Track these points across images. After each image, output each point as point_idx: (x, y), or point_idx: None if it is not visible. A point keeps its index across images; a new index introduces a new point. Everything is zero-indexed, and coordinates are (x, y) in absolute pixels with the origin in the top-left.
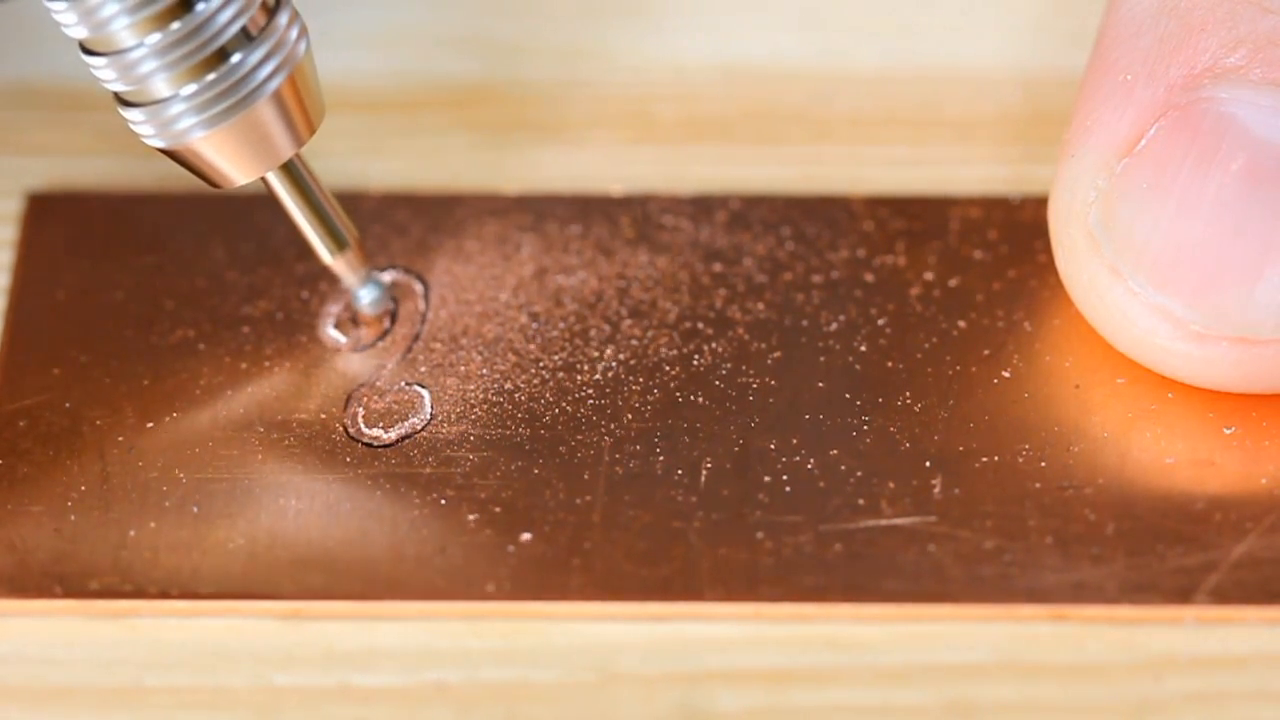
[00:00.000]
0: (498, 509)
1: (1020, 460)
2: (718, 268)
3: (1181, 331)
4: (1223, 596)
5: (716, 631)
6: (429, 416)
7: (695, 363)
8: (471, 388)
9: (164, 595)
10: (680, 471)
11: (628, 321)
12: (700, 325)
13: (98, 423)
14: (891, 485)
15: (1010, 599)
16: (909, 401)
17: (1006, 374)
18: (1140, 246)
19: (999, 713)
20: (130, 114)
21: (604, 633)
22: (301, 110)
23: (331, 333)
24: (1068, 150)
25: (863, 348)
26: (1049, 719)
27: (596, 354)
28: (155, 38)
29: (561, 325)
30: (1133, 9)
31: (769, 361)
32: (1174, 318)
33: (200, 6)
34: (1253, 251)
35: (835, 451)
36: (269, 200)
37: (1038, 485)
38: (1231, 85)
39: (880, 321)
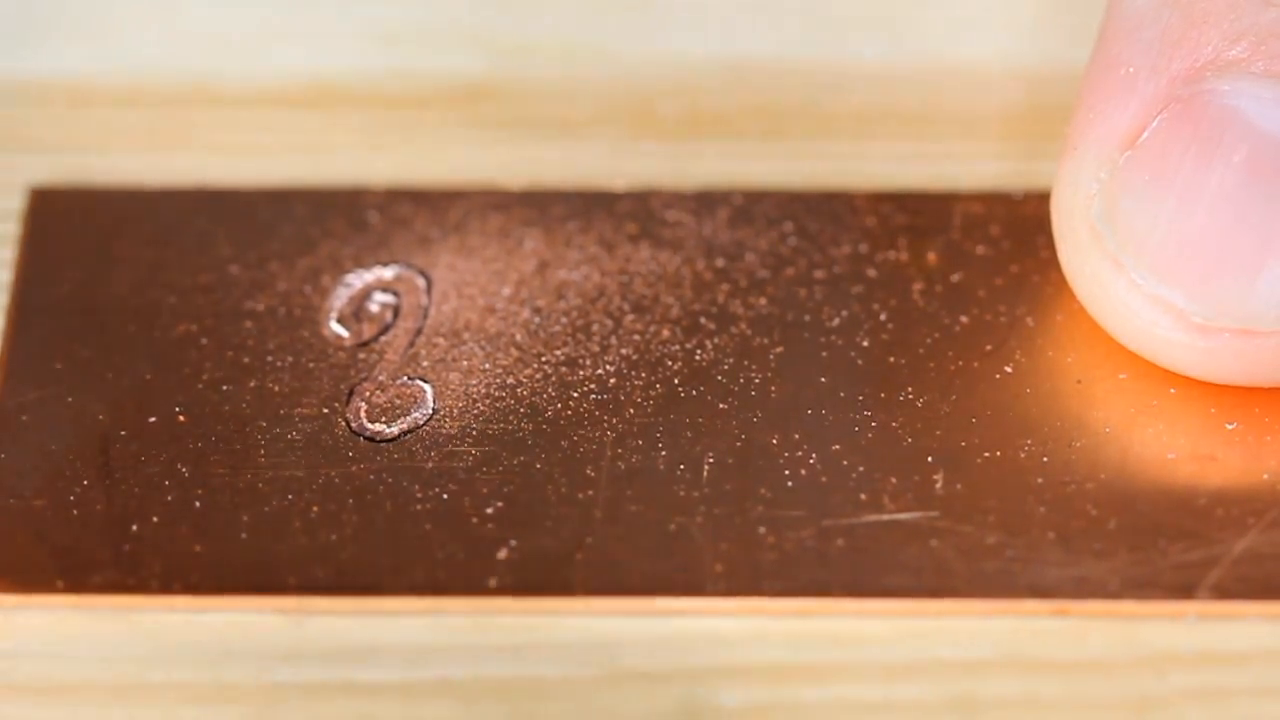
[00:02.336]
0: (500, 504)
1: (1022, 455)
2: (720, 263)
3: (1183, 323)
4: (1225, 592)
5: (719, 627)
6: (431, 411)
7: (698, 358)
8: (474, 383)
9: (166, 590)
10: (683, 467)
11: (630, 316)
12: (703, 320)
13: (100, 417)
14: (894, 480)
15: (1012, 594)
16: (911, 397)
17: (1008, 369)
18: (1142, 238)
19: (1001, 708)
20: None
21: (607, 628)
22: None
23: (334, 327)
24: (1070, 143)
25: (865, 343)
26: (1051, 714)
27: (599, 349)
28: None
29: (564, 320)
30: (1135, 2)
31: (771, 357)
32: (1176, 310)
33: None
34: (1254, 243)
35: (837, 446)
36: (272, 195)
37: (1040, 480)
38: (1234, 78)
39: (882, 317)
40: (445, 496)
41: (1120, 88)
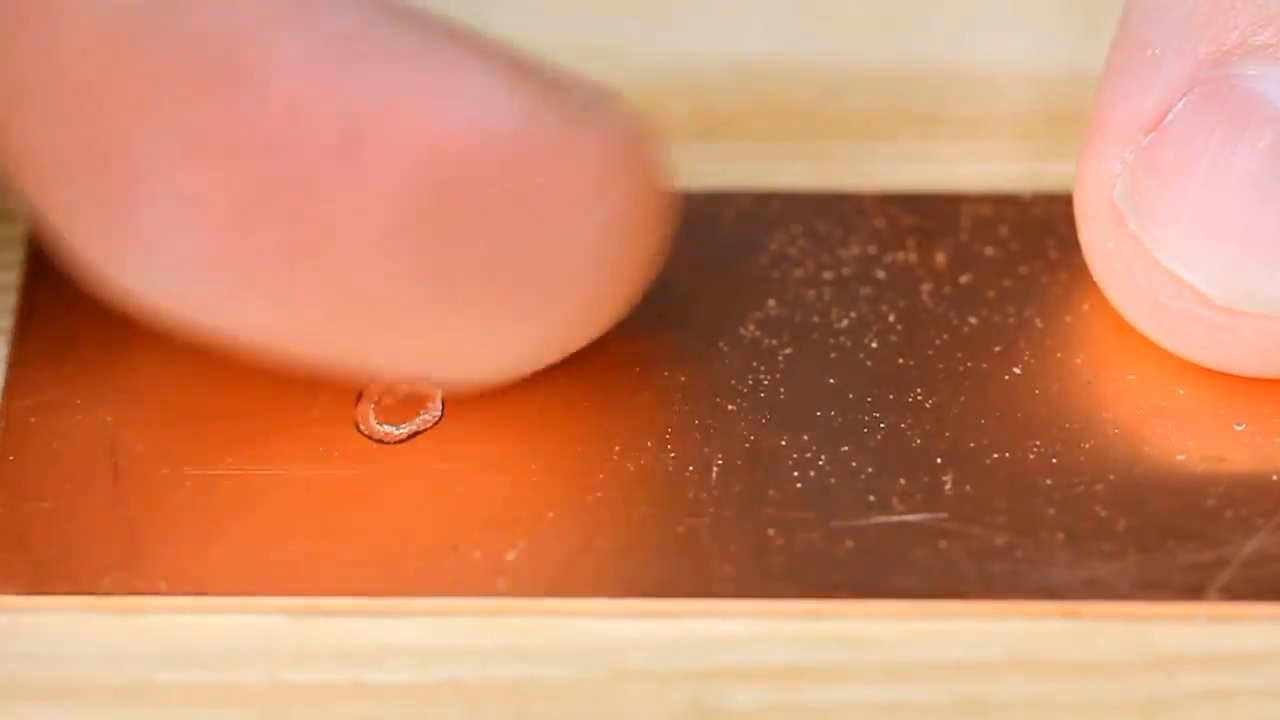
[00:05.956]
0: (508, 505)
1: (1031, 457)
2: (728, 264)
3: (1203, 304)
4: (1234, 593)
5: (728, 628)
6: (440, 413)
7: (706, 359)
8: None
9: (174, 592)
10: (691, 468)
11: (636, 318)
12: (710, 322)
13: (108, 419)
14: (902, 482)
15: (1021, 595)
16: (920, 398)
17: (1017, 370)
18: (1166, 220)
19: (1010, 709)
20: None
21: (615, 629)
22: None
23: None
24: (1094, 123)
25: (874, 344)
26: (1060, 716)
27: (605, 351)
28: None
29: None
30: None
31: (780, 358)
32: (1197, 292)
33: None
34: (1278, 229)
35: (846, 448)
36: None
37: (1049, 482)
38: (1260, 62)
39: (891, 318)
40: (453, 498)
41: (1145, 69)
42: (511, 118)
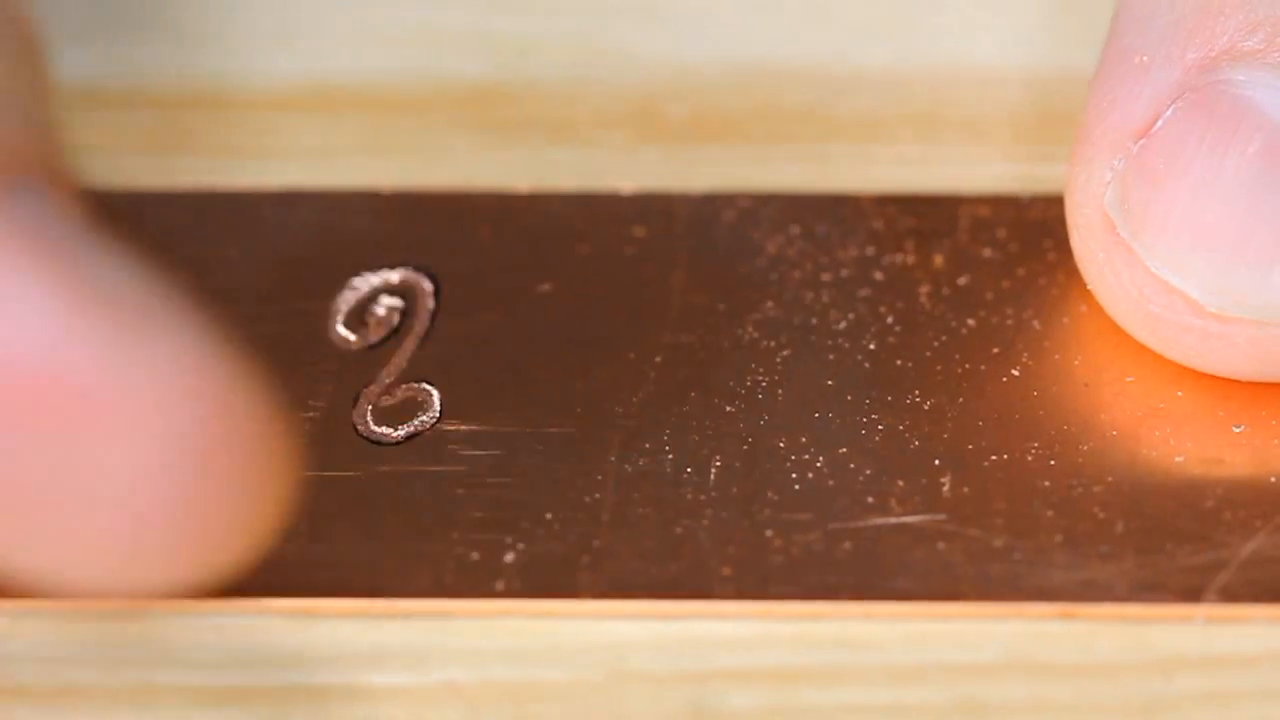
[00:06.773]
0: (507, 507)
1: (1029, 458)
2: (726, 266)
3: (1196, 311)
4: (1232, 595)
5: (726, 630)
6: (438, 414)
7: (704, 361)
8: (480, 386)
9: (174, 592)
10: (689, 470)
11: (636, 320)
12: (709, 323)
13: None
14: (900, 483)
15: (1020, 597)
16: (918, 400)
17: (1015, 372)
18: (1157, 227)
19: (1008, 711)
20: None
21: (614, 631)
22: None
23: (341, 331)
24: (1084, 131)
25: (872, 346)
26: (1059, 717)
27: (605, 352)
28: None
29: (570, 323)
30: None
31: (778, 360)
32: (1189, 299)
33: None
34: (1269, 234)
35: (844, 449)
36: (278, 198)
37: (1047, 483)
38: (1249, 68)
39: (889, 320)
40: (451, 500)
41: (1134, 76)
42: (44, 342)
